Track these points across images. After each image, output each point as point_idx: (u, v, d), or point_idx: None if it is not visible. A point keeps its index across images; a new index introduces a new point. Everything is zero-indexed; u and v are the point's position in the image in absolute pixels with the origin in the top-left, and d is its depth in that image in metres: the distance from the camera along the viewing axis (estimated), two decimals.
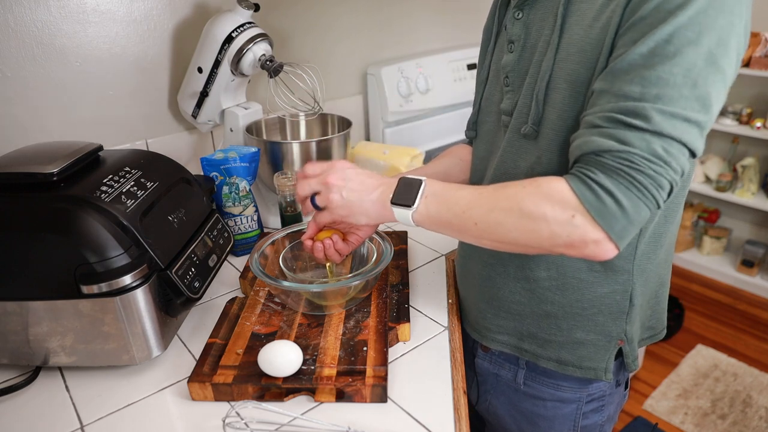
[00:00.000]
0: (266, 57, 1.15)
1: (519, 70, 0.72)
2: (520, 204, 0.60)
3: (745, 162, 2.69)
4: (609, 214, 0.56)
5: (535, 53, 0.69)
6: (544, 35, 0.67)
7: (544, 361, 0.79)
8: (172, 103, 1.30)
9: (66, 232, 0.69)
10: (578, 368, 0.77)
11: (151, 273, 0.74)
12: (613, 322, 0.75)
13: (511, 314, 0.79)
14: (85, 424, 0.70)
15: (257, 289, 0.90)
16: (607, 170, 0.56)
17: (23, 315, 0.73)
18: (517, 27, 0.71)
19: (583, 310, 0.74)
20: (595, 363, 0.77)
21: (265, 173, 1.20)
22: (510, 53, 0.72)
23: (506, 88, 0.74)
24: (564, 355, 0.77)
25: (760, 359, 2.32)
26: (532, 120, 0.68)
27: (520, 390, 0.84)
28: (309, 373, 0.72)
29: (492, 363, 0.86)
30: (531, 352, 0.80)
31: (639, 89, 0.55)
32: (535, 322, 0.78)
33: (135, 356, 0.75)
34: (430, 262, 1.05)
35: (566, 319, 0.75)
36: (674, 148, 0.55)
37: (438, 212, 0.66)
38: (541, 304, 0.76)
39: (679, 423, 2.01)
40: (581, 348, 0.76)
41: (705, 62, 0.54)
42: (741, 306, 2.70)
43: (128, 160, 0.85)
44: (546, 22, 0.67)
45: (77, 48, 1.13)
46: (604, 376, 0.77)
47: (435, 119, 1.73)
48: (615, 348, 0.76)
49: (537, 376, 0.81)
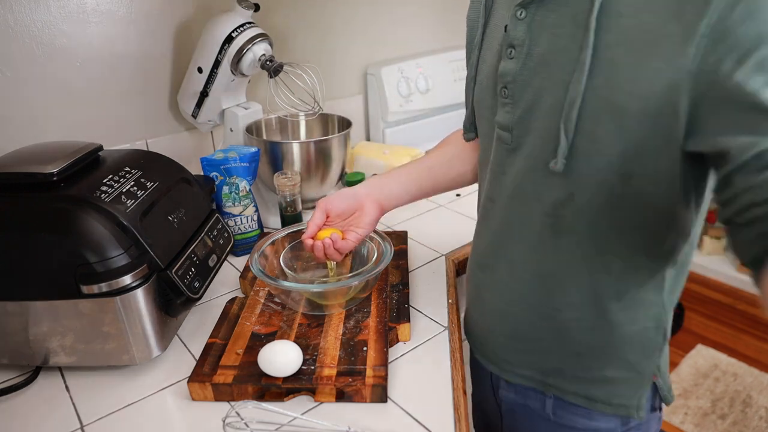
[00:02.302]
0: (266, 57, 1.15)
1: (522, 81, 0.62)
2: None
3: None
4: None
5: (549, 66, 0.59)
6: (561, 46, 0.57)
7: (571, 396, 0.73)
8: (172, 103, 1.30)
9: (66, 232, 0.69)
10: (608, 405, 0.72)
11: (151, 273, 0.74)
12: (646, 359, 0.69)
13: (536, 350, 0.73)
14: (85, 424, 0.70)
15: (257, 289, 0.90)
16: None
17: (23, 315, 0.73)
18: (520, 29, 0.60)
19: (615, 350, 0.69)
20: (626, 400, 0.71)
21: (265, 173, 1.20)
22: (510, 59, 0.62)
23: (504, 100, 0.64)
24: (593, 392, 0.72)
25: (760, 359, 2.32)
26: (562, 154, 0.58)
27: (550, 420, 0.77)
28: (309, 373, 0.72)
29: (518, 394, 0.79)
30: (557, 387, 0.74)
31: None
32: (562, 359, 0.72)
33: (135, 356, 0.75)
34: (430, 262, 1.05)
35: (596, 358, 0.70)
36: None
37: None
38: (568, 344, 0.70)
39: (679, 423, 2.01)
40: (612, 385, 0.71)
41: None
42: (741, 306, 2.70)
43: (128, 160, 0.85)
44: (563, 30, 0.57)
45: (77, 48, 1.13)
46: (636, 414, 0.71)
47: (435, 119, 1.73)
48: (648, 384, 0.71)
49: (567, 406, 0.75)
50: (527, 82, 0.61)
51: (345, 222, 0.84)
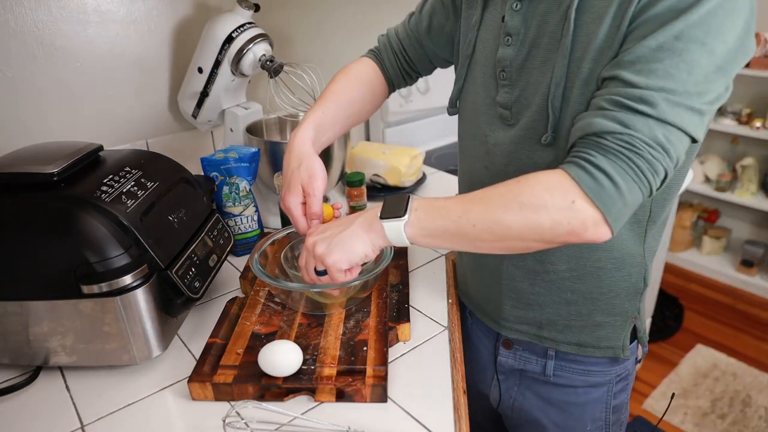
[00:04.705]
0: (266, 57, 1.15)
1: (517, 65, 0.71)
2: (519, 197, 0.60)
3: (744, 162, 2.69)
4: (606, 196, 0.57)
5: (538, 49, 0.68)
6: (549, 32, 0.66)
7: (564, 345, 0.81)
8: (172, 103, 1.30)
9: (66, 232, 0.70)
10: (597, 348, 0.80)
11: (152, 273, 0.74)
12: (629, 302, 0.78)
13: (530, 305, 0.81)
14: (86, 424, 0.70)
15: (257, 289, 0.90)
16: (606, 152, 0.57)
17: (24, 315, 0.73)
18: (516, 20, 0.69)
19: (601, 295, 0.77)
20: (612, 342, 0.80)
21: (265, 173, 1.20)
22: (507, 46, 0.71)
23: (502, 82, 0.73)
24: (583, 338, 0.80)
25: (760, 359, 2.33)
26: (551, 128, 0.67)
27: (549, 382, 0.85)
28: (309, 372, 0.72)
29: (517, 359, 0.87)
30: (551, 338, 0.81)
31: (645, 80, 0.56)
32: (555, 310, 0.79)
33: (135, 356, 0.75)
34: (430, 262, 1.05)
35: (585, 304, 0.78)
36: (674, 136, 0.57)
37: (431, 220, 0.65)
38: (561, 293, 0.78)
39: (678, 423, 2.01)
40: (600, 329, 0.79)
41: (709, 60, 0.56)
42: (740, 306, 2.70)
43: (128, 160, 0.85)
44: (550, 17, 0.66)
45: (78, 48, 1.13)
46: (622, 353, 0.80)
47: (435, 119, 1.73)
48: (630, 325, 0.80)
49: (567, 365, 0.83)
50: (522, 65, 0.70)
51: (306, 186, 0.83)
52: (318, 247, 0.71)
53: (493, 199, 0.62)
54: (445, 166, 1.57)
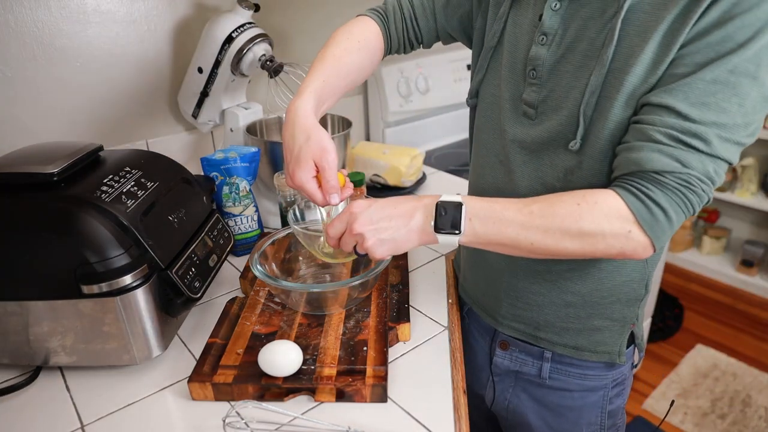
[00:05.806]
0: (266, 57, 1.15)
1: (549, 65, 0.69)
2: (579, 224, 0.62)
3: (744, 162, 2.69)
4: (659, 228, 0.61)
5: (574, 53, 0.66)
6: (588, 37, 0.65)
7: (560, 347, 0.81)
8: (172, 103, 1.30)
9: (66, 232, 0.70)
10: (593, 353, 0.80)
11: (152, 273, 0.74)
12: (628, 308, 0.78)
13: (529, 305, 0.80)
14: (86, 424, 0.70)
15: (257, 289, 0.90)
16: (665, 189, 0.60)
17: (24, 315, 0.73)
18: (554, 20, 0.68)
19: (602, 299, 0.77)
20: (609, 347, 0.80)
21: (265, 173, 1.20)
22: (541, 45, 0.69)
23: (531, 80, 0.71)
24: (580, 341, 0.80)
25: (760, 359, 2.33)
26: (580, 136, 0.67)
27: (545, 385, 0.84)
28: (309, 373, 0.72)
29: (513, 361, 0.86)
30: (547, 339, 0.81)
31: (699, 113, 0.58)
32: (553, 311, 0.79)
33: (135, 356, 0.75)
34: (430, 262, 1.05)
35: (585, 308, 0.77)
36: (721, 168, 0.60)
37: (486, 233, 0.66)
38: (561, 294, 0.78)
39: (678, 423, 2.01)
40: (597, 334, 0.79)
41: (758, 93, 0.58)
42: (740, 306, 2.70)
43: (128, 160, 0.85)
44: (591, 23, 0.65)
45: (78, 48, 1.13)
46: (618, 358, 0.80)
47: (435, 119, 1.73)
48: (628, 332, 0.80)
49: (563, 368, 0.82)
50: (553, 66, 0.69)
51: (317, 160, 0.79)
52: (367, 240, 0.68)
53: (554, 222, 0.63)
54: (445, 166, 1.57)
